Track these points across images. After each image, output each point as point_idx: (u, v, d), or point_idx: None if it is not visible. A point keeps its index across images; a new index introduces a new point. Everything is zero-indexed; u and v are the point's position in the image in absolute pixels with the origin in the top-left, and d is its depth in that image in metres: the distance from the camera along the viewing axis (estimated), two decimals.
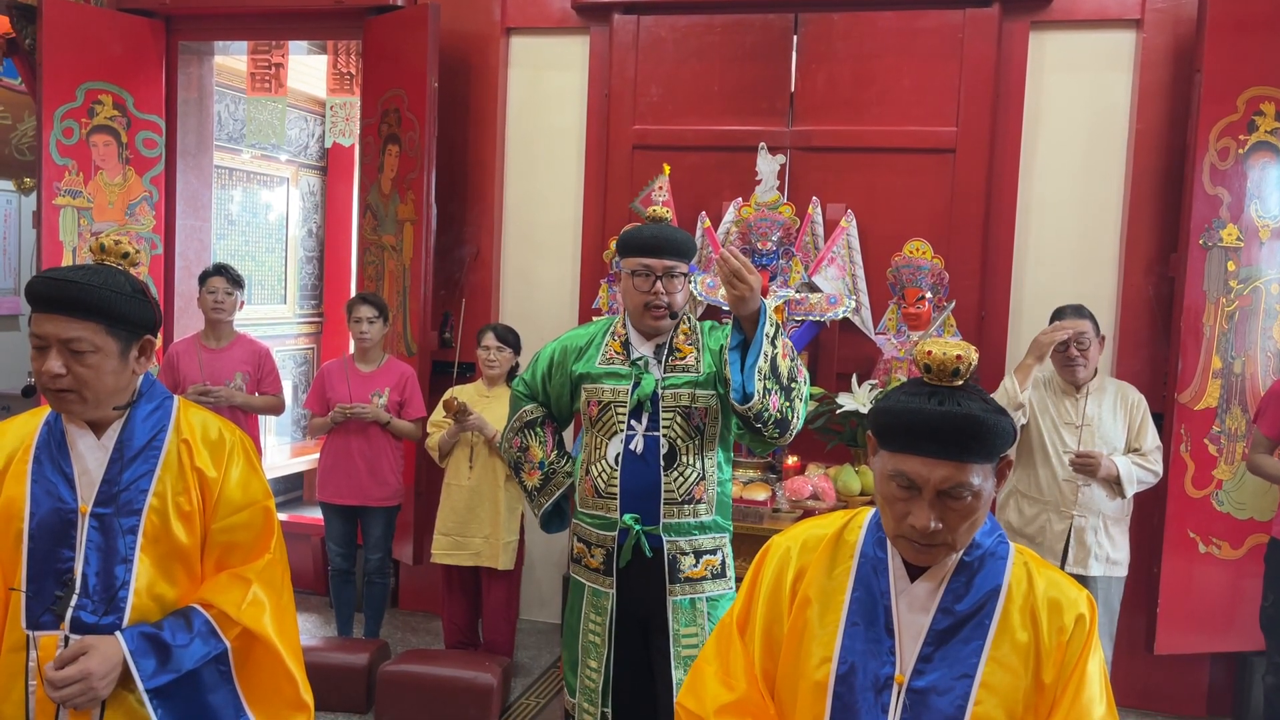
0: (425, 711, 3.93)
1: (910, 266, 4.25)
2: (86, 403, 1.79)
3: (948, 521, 1.48)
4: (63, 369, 1.74)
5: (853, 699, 1.53)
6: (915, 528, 1.48)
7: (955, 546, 1.51)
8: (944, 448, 1.46)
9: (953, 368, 1.50)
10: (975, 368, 1.53)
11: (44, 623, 1.78)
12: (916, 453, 1.47)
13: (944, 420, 1.46)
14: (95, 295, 1.75)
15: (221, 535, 1.88)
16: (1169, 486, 4.04)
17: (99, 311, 1.75)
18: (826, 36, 4.52)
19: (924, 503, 1.47)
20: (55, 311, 1.74)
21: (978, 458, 1.47)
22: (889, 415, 1.52)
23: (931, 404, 1.47)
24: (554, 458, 2.99)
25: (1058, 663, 1.50)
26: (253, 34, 5.44)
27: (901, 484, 1.49)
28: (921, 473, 1.47)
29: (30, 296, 1.77)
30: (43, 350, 1.76)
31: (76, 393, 1.77)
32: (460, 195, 5.01)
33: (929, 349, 1.51)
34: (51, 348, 1.75)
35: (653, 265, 2.72)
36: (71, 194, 5.02)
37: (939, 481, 1.46)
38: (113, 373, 1.79)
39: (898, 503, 1.50)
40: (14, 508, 1.82)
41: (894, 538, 1.54)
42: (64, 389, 1.76)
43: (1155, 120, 4.28)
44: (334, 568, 4.59)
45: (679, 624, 2.73)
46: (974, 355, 1.51)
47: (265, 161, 6.59)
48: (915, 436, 1.47)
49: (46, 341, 1.75)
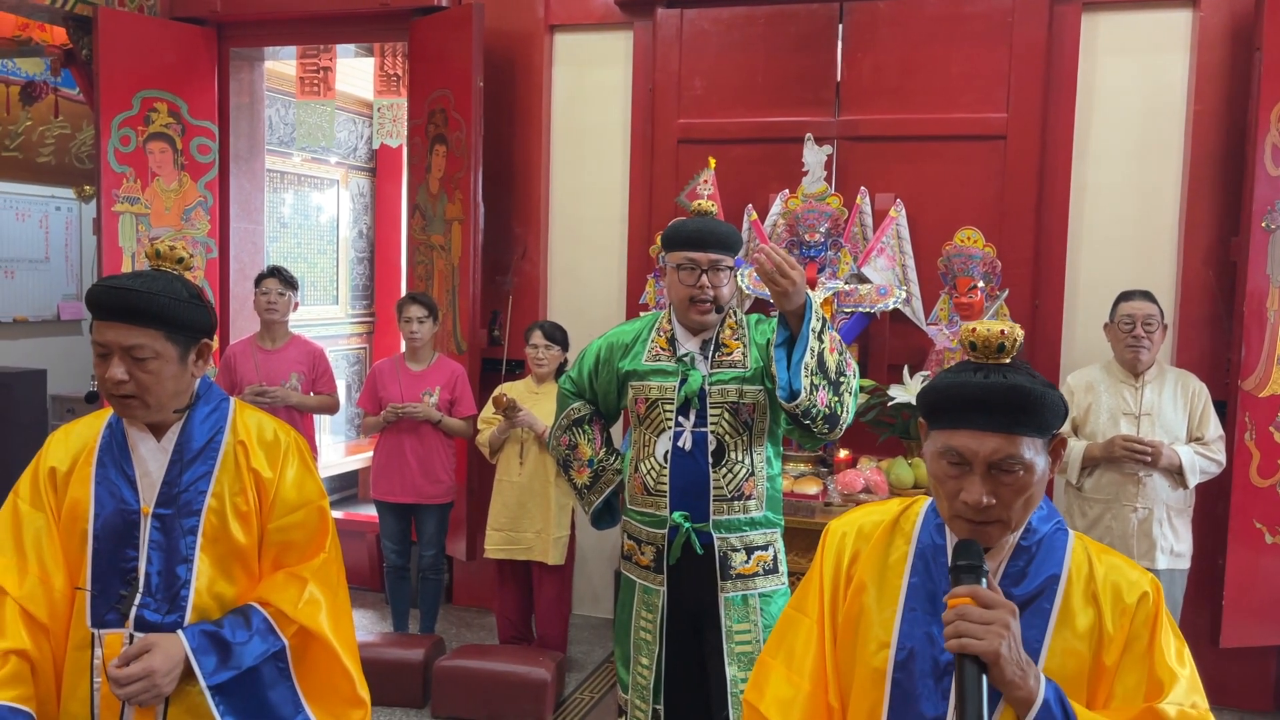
0: (481, 706, 3.97)
1: (961, 255, 4.19)
2: (149, 407, 1.83)
3: (1001, 497, 1.46)
4: (125, 375, 1.78)
5: (912, 685, 1.52)
6: (968, 503, 1.46)
7: (1011, 525, 1.49)
8: (991, 418, 1.45)
9: (998, 343, 1.49)
10: (1021, 347, 1.52)
11: (109, 621, 1.83)
12: (965, 426, 1.46)
13: (990, 391, 1.45)
14: (154, 303, 1.78)
15: (277, 535, 1.92)
16: (1233, 476, 3.94)
17: (158, 319, 1.79)
18: (872, 25, 4.47)
19: (975, 477, 1.46)
20: (116, 319, 1.78)
21: (1028, 430, 1.45)
22: (935, 392, 1.51)
23: (978, 377, 1.47)
24: (603, 455, 2.99)
25: (1121, 645, 1.48)
26: (301, 39, 5.51)
27: (952, 460, 1.48)
28: (970, 446, 1.46)
29: (91, 305, 1.81)
30: (105, 357, 1.80)
31: (139, 398, 1.81)
32: (507, 193, 5.04)
33: (973, 327, 1.51)
34: (114, 355, 1.79)
35: (697, 259, 2.70)
36: (130, 200, 5.13)
37: (989, 454, 1.45)
38: (173, 377, 1.83)
39: (949, 480, 1.49)
40: (79, 509, 1.86)
41: (949, 519, 1.52)
42: (127, 394, 1.80)
43: (1214, 101, 4.17)
44: (389, 565, 4.65)
45: (731, 620, 2.72)
46: (1019, 332, 1.50)
47: (315, 164, 6.68)
48: (963, 409, 1.47)
49: (109, 349, 1.79)
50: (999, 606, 1.39)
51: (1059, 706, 1.39)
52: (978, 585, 1.41)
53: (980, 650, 1.35)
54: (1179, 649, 1.49)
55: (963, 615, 1.38)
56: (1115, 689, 1.48)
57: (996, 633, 1.36)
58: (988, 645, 1.35)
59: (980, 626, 1.36)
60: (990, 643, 1.35)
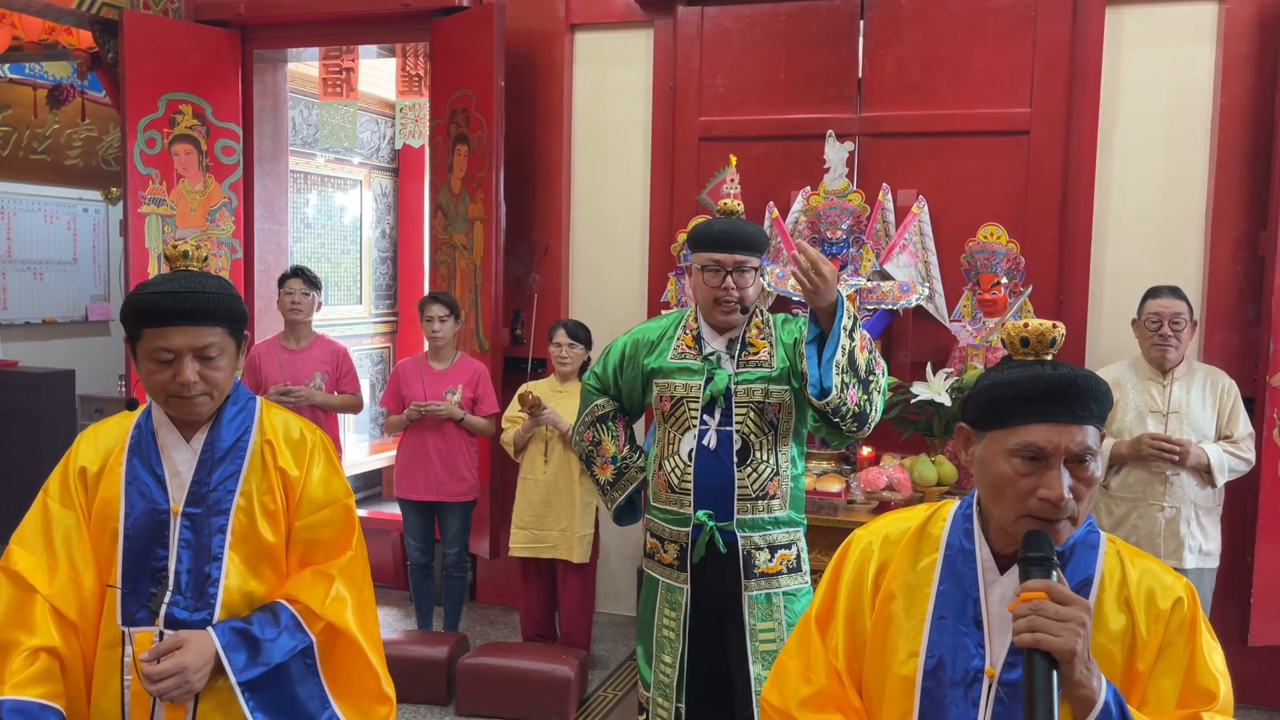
0: (505, 703, 3.98)
1: (985, 252, 4.16)
2: (214, 402, 1.88)
3: (1075, 491, 1.44)
4: (198, 377, 1.81)
5: (941, 694, 1.50)
6: (1050, 500, 1.42)
7: (1078, 520, 1.47)
8: (1069, 410, 1.43)
9: (1050, 337, 1.49)
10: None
11: (139, 619, 1.85)
12: (1042, 420, 1.44)
13: (1067, 383, 1.43)
14: (220, 302, 1.83)
15: (304, 533, 1.93)
16: (1262, 474, 3.90)
17: (224, 317, 1.84)
18: (894, 20, 4.45)
19: (1055, 472, 1.43)
20: (185, 323, 1.79)
21: (1097, 419, 1.45)
22: (1001, 388, 1.48)
23: (1046, 369, 1.45)
24: (626, 452, 3.00)
25: (1155, 650, 1.46)
26: (324, 40, 5.55)
27: (1028, 456, 1.44)
28: (1051, 439, 1.43)
29: (147, 312, 1.79)
30: (169, 363, 1.81)
31: (208, 395, 1.85)
32: (529, 193, 5.06)
33: (1025, 322, 1.51)
34: (184, 358, 1.80)
35: (723, 260, 2.70)
36: (156, 202, 5.18)
37: (1073, 446, 1.42)
38: (232, 371, 1.89)
39: (1022, 479, 1.45)
40: (110, 508, 1.88)
41: (1015, 520, 1.47)
42: (198, 394, 1.83)
43: (1241, 94, 4.13)
44: (413, 562, 4.68)
45: (755, 619, 2.72)
46: (1063, 329, 1.51)
47: (338, 165, 6.72)
48: (1039, 402, 1.44)
49: (176, 353, 1.80)
50: (1074, 603, 1.35)
51: (1118, 709, 1.37)
52: (1050, 579, 1.38)
53: (1056, 647, 1.32)
54: (1219, 656, 1.48)
55: (1038, 610, 1.34)
56: (1149, 694, 1.46)
57: (1074, 630, 1.33)
58: (1064, 643, 1.32)
59: (1057, 624, 1.33)
60: (1067, 640, 1.32)
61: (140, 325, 1.81)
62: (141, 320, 1.81)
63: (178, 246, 1.93)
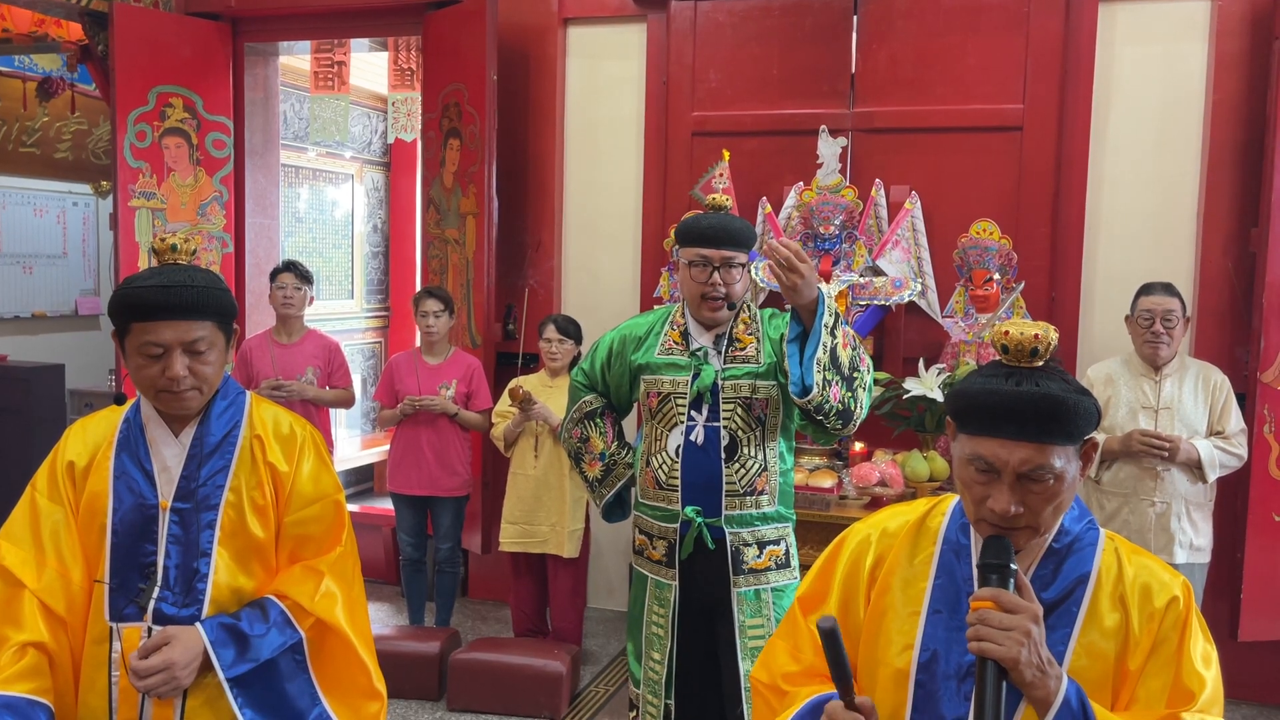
0: (496, 699, 3.98)
1: (977, 248, 4.17)
2: (203, 396, 1.87)
3: (1029, 504, 1.44)
4: (187, 371, 1.80)
5: (935, 687, 1.51)
6: (995, 511, 1.44)
7: (1039, 530, 1.47)
8: (1022, 429, 1.42)
9: (1030, 347, 1.45)
10: (1056, 348, 1.49)
11: (127, 615, 1.84)
12: (994, 435, 1.44)
13: (1022, 401, 1.42)
14: (209, 295, 1.81)
15: (294, 528, 1.92)
16: (1252, 470, 3.90)
17: (213, 311, 1.83)
18: (887, 16, 4.45)
19: (1004, 486, 1.43)
20: (174, 317, 1.78)
21: (1059, 439, 1.42)
22: (965, 397, 1.48)
23: (1009, 384, 1.43)
24: (615, 449, 2.99)
25: (1146, 649, 1.46)
26: (316, 33, 5.52)
27: (980, 467, 1.46)
28: (1000, 455, 1.43)
29: (137, 307, 1.78)
30: (158, 357, 1.79)
31: (198, 390, 1.84)
32: (521, 187, 5.04)
33: (1006, 329, 1.47)
34: (173, 352, 1.79)
35: (710, 255, 2.69)
36: (146, 196, 5.16)
37: (1018, 464, 1.42)
38: (221, 365, 1.88)
39: (976, 486, 1.47)
40: (98, 503, 1.87)
41: (975, 521, 1.50)
42: (187, 389, 1.82)
43: (1233, 91, 4.13)
44: (405, 558, 4.67)
45: (744, 615, 2.72)
46: (1053, 335, 1.46)
47: (330, 159, 6.70)
48: (992, 418, 1.44)
49: (165, 347, 1.79)
50: (1021, 611, 1.38)
51: (1079, 705, 1.39)
52: (1002, 588, 1.40)
53: (998, 656, 1.36)
54: (1206, 654, 1.47)
55: (984, 620, 1.37)
56: (1138, 692, 1.46)
57: (1016, 639, 1.35)
58: (1005, 652, 1.35)
59: (1000, 632, 1.36)
60: (1008, 650, 1.35)
61: (128, 319, 1.80)
62: (130, 314, 1.80)
63: (166, 240, 1.91)
